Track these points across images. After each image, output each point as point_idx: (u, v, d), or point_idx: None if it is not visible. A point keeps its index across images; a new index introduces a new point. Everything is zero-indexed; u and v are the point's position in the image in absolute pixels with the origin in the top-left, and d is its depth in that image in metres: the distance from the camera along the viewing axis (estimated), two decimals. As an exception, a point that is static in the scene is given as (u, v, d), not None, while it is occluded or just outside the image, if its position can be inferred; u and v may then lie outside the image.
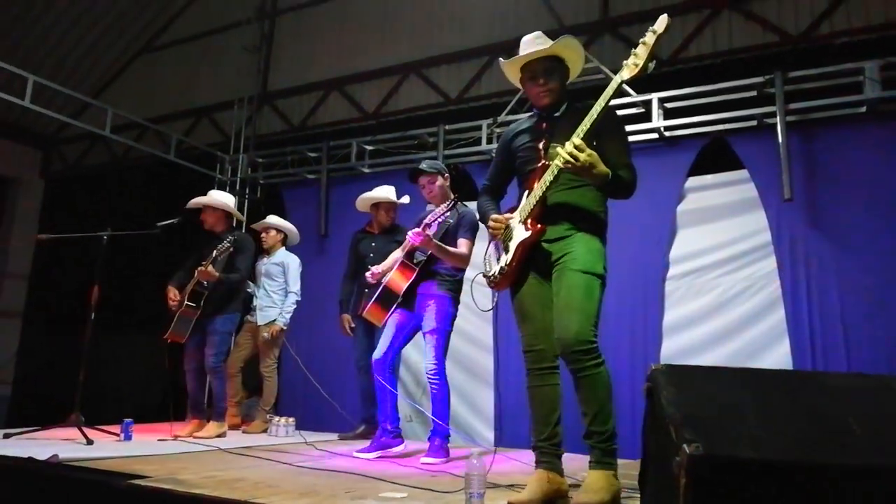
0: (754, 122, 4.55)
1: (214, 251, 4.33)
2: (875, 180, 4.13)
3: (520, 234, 2.47)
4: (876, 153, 4.16)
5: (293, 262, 5.25)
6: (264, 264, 5.19)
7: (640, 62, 2.24)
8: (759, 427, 1.46)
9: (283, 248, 5.33)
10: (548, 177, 2.39)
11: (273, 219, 5.34)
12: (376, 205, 4.64)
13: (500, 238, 2.58)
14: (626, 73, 2.26)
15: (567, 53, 2.58)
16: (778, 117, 4.37)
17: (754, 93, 4.57)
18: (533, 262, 2.51)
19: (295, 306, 5.19)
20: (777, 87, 4.42)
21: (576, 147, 2.24)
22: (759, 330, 4.38)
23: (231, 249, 4.39)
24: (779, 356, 4.22)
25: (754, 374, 1.73)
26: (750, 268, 4.49)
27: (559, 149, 2.30)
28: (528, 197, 2.49)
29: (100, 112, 6.29)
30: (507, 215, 2.60)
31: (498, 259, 2.61)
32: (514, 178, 2.79)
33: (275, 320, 5.09)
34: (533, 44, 2.58)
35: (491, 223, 2.61)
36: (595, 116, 2.28)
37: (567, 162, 2.25)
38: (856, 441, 1.38)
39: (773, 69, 4.49)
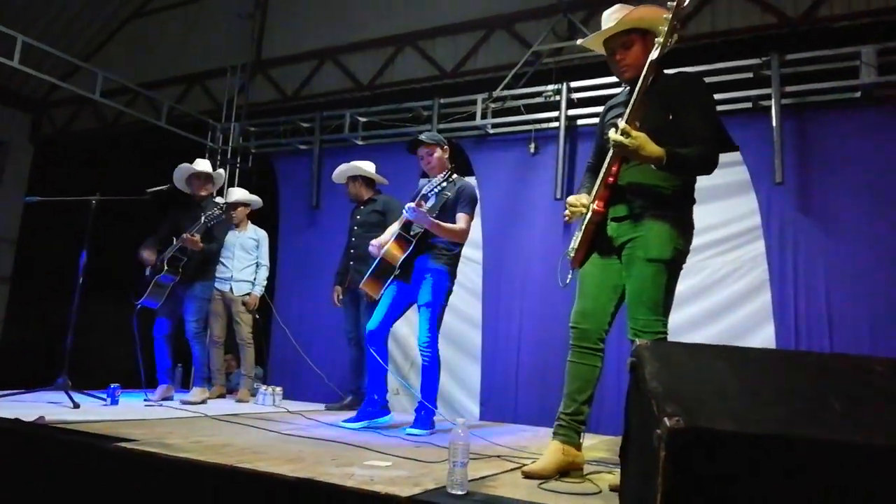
0: (749, 104, 4.54)
1: (203, 218, 4.31)
2: (866, 166, 4.14)
3: (587, 214, 2.48)
4: (868, 139, 4.17)
5: (265, 237, 5.37)
6: (237, 237, 5.19)
7: (662, 39, 2.22)
8: (740, 402, 1.48)
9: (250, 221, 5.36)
10: (611, 156, 2.37)
11: (238, 192, 5.33)
12: (352, 178, 4.64)
13: (576, 219, 2.57)
14: (655, 52, 2.24)
15: (647, 23, 2.39)
16: (773, 100, 4.36)
17: (750, 74, 4.55)
18: (599, 242, 2.50)
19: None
20: (773, 69, 4.40)
21: (622, 132, 2.21)
22: (745, 312, 4.42)
23: (222, 218, 4.39)
24: (763, 339, 4.26)
25: (737, 352, 1.75)
26: (739, 251, 4.52)
27: (610, 132, 2.26)
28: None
29: (90, 76, 6.19)
30: (584, 197, 2.55)
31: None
32: None
33: (249, 293, 5.14)
34: (609, 18, 2.50)
35: (567, 205, 2.57)
36: (635, 101, 2.26)
37: (614, 146, 2.24)
38: (835, 418, 1.40)
39: (770, 51, 4.47)
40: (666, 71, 2.50)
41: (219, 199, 4.96)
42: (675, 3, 2.18)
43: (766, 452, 1.39)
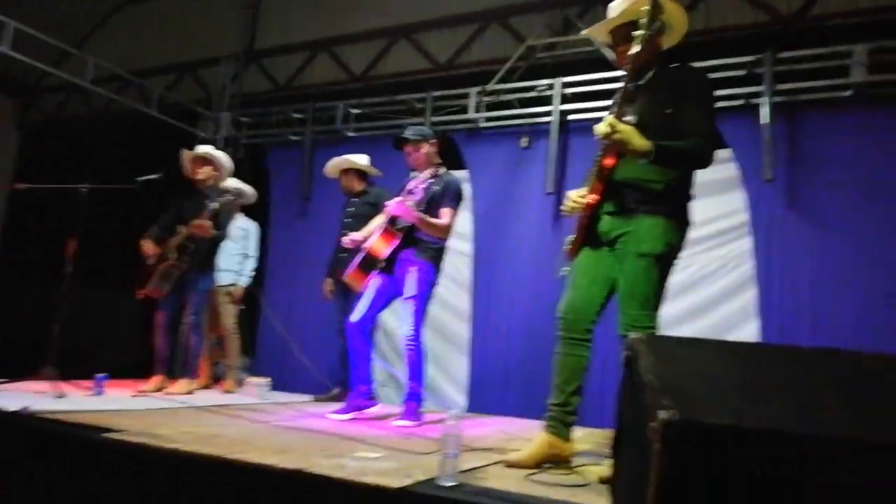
0: (741, 102, 4.55)
1: (217, 204, 4.25)
2: (855, 165, 4.17)
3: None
4: (858, 138, 4.20)
5: (255, 229, 5.32)
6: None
7: (642, 32, 2.22)
8: (737, 396, 1.48)
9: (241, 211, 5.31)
10: (602, 150, 2.36)
11: (232, 181, 5.28)
12: (345, 171, 4.63)
13: (574, 213, 2.57)
14: (636, 46, 2.24)
15: (647, 13, 2.27)
16: (765, 98, 4.37)
17: (743, 72, 4.57)
18: (592, 235, 2.51)
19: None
20: (766, 67, 4.42)
21: (608, 125, 2.21)
22: (731, 308, 4.46)
23: (233, 203, 4.35)
24: (748, 334, 4.30)
25: (733, 346, 1.76)
26: (727, 246, 4.55)
27: (597, 125, 2.25)
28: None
29: (81, 62, 6.11)
30: (582, 192, 2.54)
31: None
32: None
33: (235, 283, 5.11)
34: (614, 9, 2.50)
35: (567, 199, 2.59)
36: (622, 94, 2.27)
37: (601, 139, 2.24)
38: (831, 413, 1.41)
39: (762, 49, 4.48)
40: (671, 65, 2.50)
41: (231, 185, 4.91)
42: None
43: (762, 447, 1.39)
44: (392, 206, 3.56)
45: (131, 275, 4.55)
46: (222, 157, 4.80)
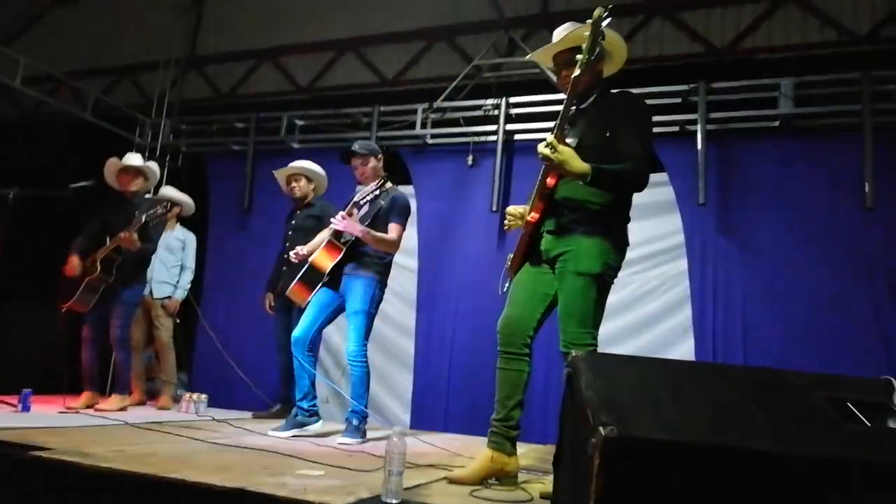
0: (676, 128, 4.76)
1: (145, 216, 4.11)
2: (782, 191, 4.41)
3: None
4: (785, 166, 4.45)
5: (192, 240, 5.21)
6: (163, 237, 5.00)
7: (582, 57, 2.30)
8: (671, 412, 1.54)
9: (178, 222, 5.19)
10: (543, 169, 2.43)
11: (170, 191, 5.17)
12: (293, 176, 4.59)
13: (514, 228, 2.65)
14: (578, 70, 2.31)
15: (588, 39, 2.31)
16: (699, 125, 4.59)
17: (679, 100, 4.77)
18: (533, 252, 2.56)
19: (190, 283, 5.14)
20: (700, 96, 4.64)
21: (548, 145, 2.27)
22: (667, 326, 4.62)
23: (164, 216, 4.20)
24: (683, 352, 4.46)
25: (667, 364, 1.83)
26: (662, 267, 4.71)
27: (539, 146, 2.32)
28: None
29: (9, 62, 5.85)
30: (522, 207, 2.62)
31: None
32: None
33: (170, 296, 4.99)
34: (557, 35, 2.58)
35: (506, 214, 2.69)
36: (561, 116, 2.34)
37: (542, 159, 2.30)
38: (757, 428, 1.49)
39: (697, 79, 4.70)
40: (612, 91, 2.60)
41: (154, 195, 4.77)
42: (591, 21, 2.26)
43: (694, 460, 1.46)
44: (338, 220, 3.55)
45: (56, 287, 4.36)
46: (153, 166, 4.68)
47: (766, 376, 1.75)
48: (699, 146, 4.54)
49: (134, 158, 4.59)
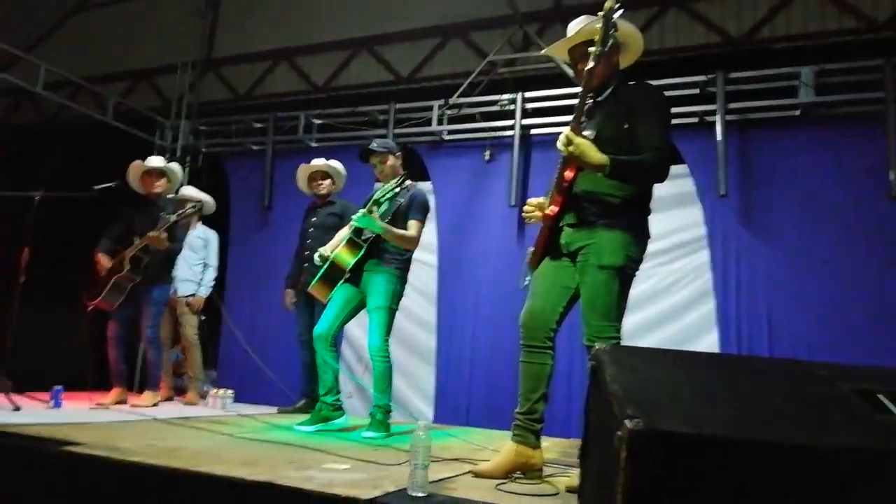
0: (695, 119, 4.72)
1: (175, 216, 4.18)
2: (804, 181, 4.36)
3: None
4: (807, 155, 4.40)
5: (214, 238, 5.26)
6: (186, 236, 5.07)
7: (595, 49, 2.30)
8: (697, 405, 1.54)
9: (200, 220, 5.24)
10: (562, 162, 2.43)
11: (191, 190, 5.23)
12: (316, 174, 4.62)
13: (535, 221, 2.63)
14: (591, 62, 2.30)
15: (601, 31, 2.28)
16: (718, 116, 4.55)
17: (697, 91, 4.74)
18: (553, 245, 2.56)
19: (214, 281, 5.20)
20: (719, 86, 4.60)
21: (565, 138, 2.27)
22: (690, 320, 4.59)
23: (193, 216, 4.27)
24: (707, 344, 4.43)
25: (693, 356, 1.83)
26: (684, 259, 4.69)
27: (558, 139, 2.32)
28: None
29: (32, 68, 5.95)
30: (543, 199, 2.61)
31: None
32: None
33: (194, 293, 5.05)
34: (572, 29, 2.57)
35: (527, 205, 2.67)
36: (577, 109, 2.33)
37: (561, 152, 2.30)
38: (785, 420, 1.49)
39: (714, 69, 4.66)
40: (629, 82, 2.59)
41: (178, 195, 4.82)
42: (602, 13, 2.25)
43: (720, 453, 1.46)
44: (357, 218, 3.57)
45: (83, 285, 4.44)
46: (176, 168, 4.74)
47: (792, 368, 1.75)
48: (719, 137, 4.51)
49: (157, 160, 4.66)
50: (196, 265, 5.08)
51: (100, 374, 4.59)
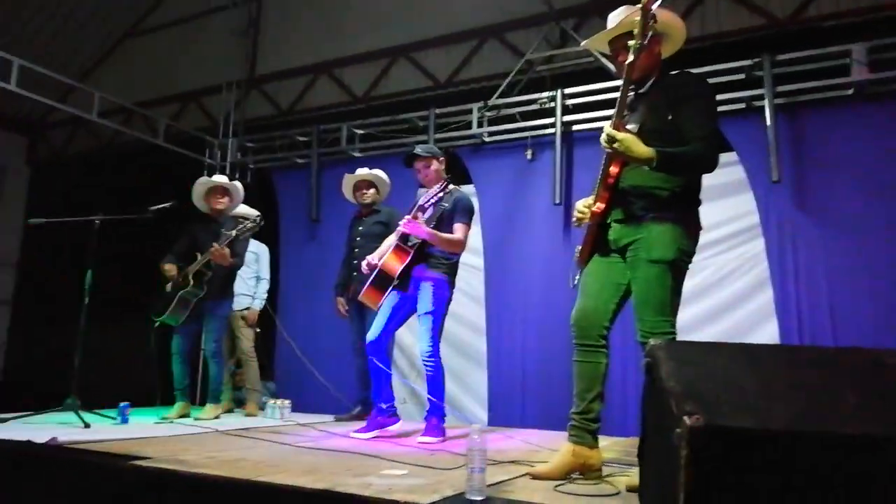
0: (742, 105, 4.60)
1: (235, 231, 4.31)
2: (860, 162, 4.19)
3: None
4: (862, 135, 4.23)
5: (265, 251, 5.37)
6: None
7: (634, 43, 2.26)
8: (758, 398, 1.50)
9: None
10: (606, 158, 2.41)
11: (243, 208, 5.32)
12: (361, 183, 4.68)
13: (584, 223, 2.60)
14: (631, 56, 2.27)
15: (639, 23, 2.24)
16: (766, 100, 4.42)
17: (742, 76, 4.61)
18: (602, 242, 2.54)
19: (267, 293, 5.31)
20: (765, 70, 4.47)
21: (607, 135, 2.25)
22: (748, 310, 4.47)
23: (253, 230, 4.39)
24: (767, 336, 4.30)
25: (752, 349, 1.78)
26: (738, 249, 4.57)
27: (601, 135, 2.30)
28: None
29: (86, 96, 6.21)
30: (588, 201, 2.57)
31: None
32: None
33: (249, 307, 5.16)
34: (611, 21, 2.54)
35: (575, 210, 2.63)
36: (619, 103, 2.31)
37: (605, 147, 2.28)
38: (852, 411, 1.43)
39: (760, 52, 4.53)
40: (671, 73, 2.54)
41: (240, 211, 4.95)
42: (641, 4, 2.20)
43: (785, 448, 1.41)
44: (404, 224, 3.60)
45: (147, 303, 4.60)
46: (238, 186, 4.88)
47: (858, 357, 1.68)
48: (768, 122, 4.38)
49: (220, 178, 4.82)
50: (249, 279, 5.20)
51: (166, 389, 4.74)
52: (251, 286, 5.21)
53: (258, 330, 5.28)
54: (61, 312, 5.28)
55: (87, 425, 3.62)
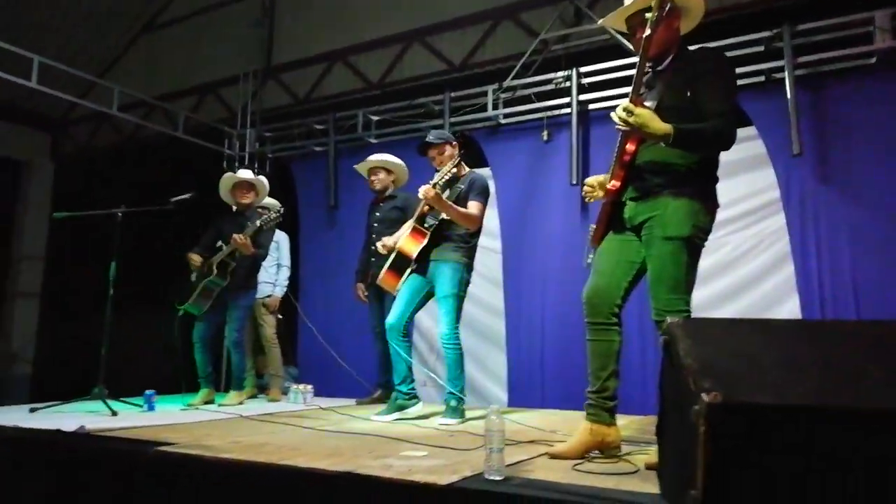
0: (762, 78, 4.50)
1: (259, 221, 4.38)
2: (885, 132, 4.08)
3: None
4: (887, 104, 4.11)
5: (285, 239, 5.41)
6: None
7: (651, 16, 2.23)
8: (777, 374, 1.48)
9: None
10: (622, 135, 2.37)
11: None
12: (372, 170, 4.69)
13: (595, 199, 2.61)
14: (648, 29, 2.24)
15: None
16: (786, 72, 4.32)
17: (762, 48, 4.52)
18: (616, 220, 2.52)
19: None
20: (785, 40, 4.37)
21: (624, 109, 2.22)
22: (769, 286, 4.40)
23: (277, 220, 4.44)
24: (789, 311, 4.24)
25: (770, 324, 1.76)
26: (759, 225, 4.49)
27: (615, 111, 2.27)
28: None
29: (106, 91, 6.28)
30: (602, 177, 2.58)
31: None
32: None
33: (270, 294, 5.22)
34: None
35: (584, 185, 2.65)
36: (636, 78, 2.28)
37: (621, 124, 2.24)
38: (875, 385, 1.41)
39: (780, 23, 4.43)
40: (689, 48, 2.50)
41: (266, 204, 5.00)
42: None
43: (805, 423, 1.40)
44: (423, 191, 3.57)
45: (171, 292, 4.68)
46: (264, 180, 4.93)
47: (881, 330, 1.65)
48: (788, 94, 4.28)
49: (246, 173, 4.87)
50: (270, 267, 5.25)
51: (190, 377, 4.83)
52: (272, 274, 5.27)
53: (280, 316, 5.34)
54: (87, 304, 5.39)
55: (114, 413, 3.70)
